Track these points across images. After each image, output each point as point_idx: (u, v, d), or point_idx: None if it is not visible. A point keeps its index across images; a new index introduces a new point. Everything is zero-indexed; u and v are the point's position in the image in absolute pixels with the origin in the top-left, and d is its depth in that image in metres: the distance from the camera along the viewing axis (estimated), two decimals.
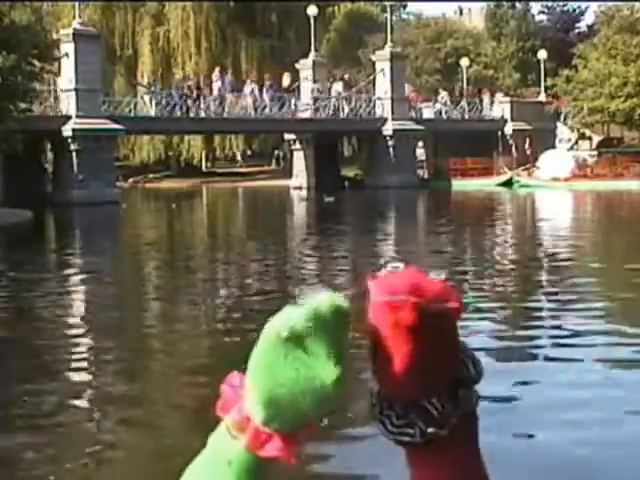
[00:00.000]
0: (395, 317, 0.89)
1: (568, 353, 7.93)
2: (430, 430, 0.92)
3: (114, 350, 8.72)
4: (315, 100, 45.39)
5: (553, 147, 47.33)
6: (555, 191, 40.43)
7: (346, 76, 49.47)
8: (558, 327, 9.13)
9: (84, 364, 8.14)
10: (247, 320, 9.74)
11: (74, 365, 8.04)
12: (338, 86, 46.89)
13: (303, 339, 0.89)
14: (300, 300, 0.89)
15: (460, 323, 0.91)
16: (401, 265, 0.92)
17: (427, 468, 0.95)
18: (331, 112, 45.80)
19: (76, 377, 7.68)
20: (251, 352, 0.91)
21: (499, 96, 53.02)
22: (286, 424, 0.91)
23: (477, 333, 8.27)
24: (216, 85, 42.83)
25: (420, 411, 0.92)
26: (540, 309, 10.65)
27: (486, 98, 52.44)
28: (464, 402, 0.93)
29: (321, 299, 0.89)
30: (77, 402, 6.82)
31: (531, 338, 8.78)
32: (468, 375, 0.94)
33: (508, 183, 45.15)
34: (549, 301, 11.11)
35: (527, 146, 48.87)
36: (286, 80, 45.35)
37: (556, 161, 44.32)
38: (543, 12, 72.83)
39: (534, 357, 7.95)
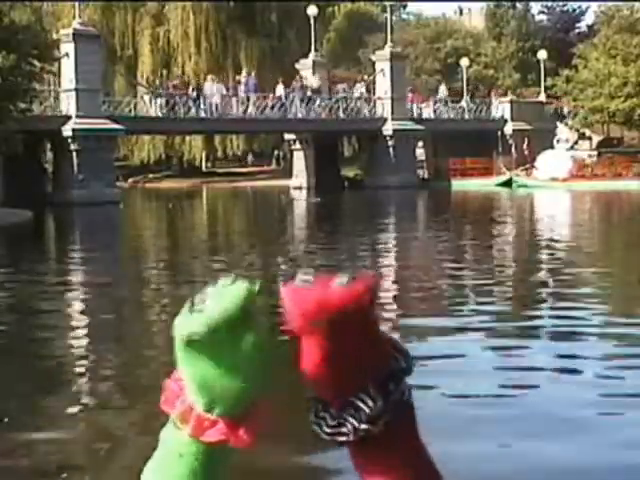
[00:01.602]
0: (306, 331, 0.90)
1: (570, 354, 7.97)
2: (362, 427, 0.92)
3: (113, 352, 8.77)
4: (337, 100, 45.54)
5: (552, 147, 47.32)
6: (554, 191, 40.40)
7: (366, 77, 49.42)
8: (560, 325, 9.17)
9: (82, 362, 8.17)
10: None
11: (73, 366, 8.08)
12: (361, 87, 47.02)
13: (211, 335, 0.89)
14: (212, 287, 0.90)
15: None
16: (311, 277, 0.91)
17: (370, 465, 0.95)
18: (355, 112, 46.01)
19: (75, 379, 7.71)
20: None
21: (509, 97, 52.97)
22: (230, 408, 0.92)
23: None
24: (243, 87, 42.96)
25: (352, 409, 0.92)
26: (540, 309, 10.68)
27: (494, 99, 52.45)
28: (395, 395, 0.93)
29: (225, 300, 0.89)
30: (76, 409, 6.85)
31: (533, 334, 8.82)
32: (397, 367, 0.94)
33: (508, 183, 45.13)
34: (549, 301, 11.14)
35: (525, 146, 48.86)
36: (315, 82, 45.42)
37: (554, 161, 44.27)
38: (543, 12, 72.88)
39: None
